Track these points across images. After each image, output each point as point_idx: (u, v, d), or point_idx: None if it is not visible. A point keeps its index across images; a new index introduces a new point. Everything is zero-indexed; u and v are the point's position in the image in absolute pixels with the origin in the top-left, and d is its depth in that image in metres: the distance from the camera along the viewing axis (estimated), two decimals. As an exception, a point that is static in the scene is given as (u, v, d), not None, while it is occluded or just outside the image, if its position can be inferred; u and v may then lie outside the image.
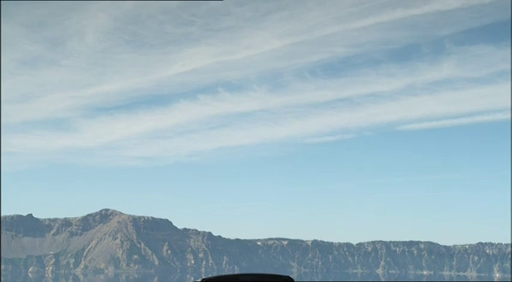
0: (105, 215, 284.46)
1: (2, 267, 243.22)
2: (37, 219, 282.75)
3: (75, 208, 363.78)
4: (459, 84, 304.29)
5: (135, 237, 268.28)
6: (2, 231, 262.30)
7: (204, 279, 6.60)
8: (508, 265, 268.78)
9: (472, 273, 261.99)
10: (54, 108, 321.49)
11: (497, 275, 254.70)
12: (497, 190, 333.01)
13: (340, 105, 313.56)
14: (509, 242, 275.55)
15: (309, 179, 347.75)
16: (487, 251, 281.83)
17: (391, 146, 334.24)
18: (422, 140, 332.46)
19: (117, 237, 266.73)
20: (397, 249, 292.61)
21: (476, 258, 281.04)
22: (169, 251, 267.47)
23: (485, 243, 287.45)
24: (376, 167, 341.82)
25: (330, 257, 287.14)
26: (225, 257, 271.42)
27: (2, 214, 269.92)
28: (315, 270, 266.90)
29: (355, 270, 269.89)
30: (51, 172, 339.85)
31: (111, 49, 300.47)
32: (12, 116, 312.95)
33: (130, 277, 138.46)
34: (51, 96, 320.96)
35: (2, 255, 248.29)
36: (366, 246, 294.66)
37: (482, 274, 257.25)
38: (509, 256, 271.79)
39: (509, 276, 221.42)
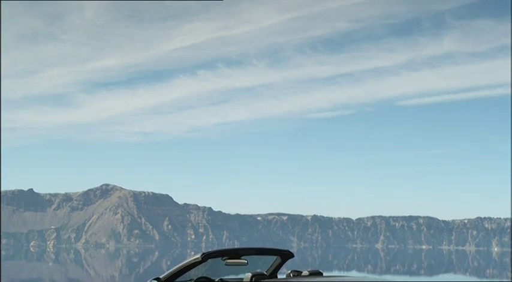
0: (105, 190, 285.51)
1: (4, 241, 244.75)
2: (38, 194, 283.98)
3: (76, 183, 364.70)
4: (460, 59, 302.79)
5: (135, 212, 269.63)
6: (3, 205, 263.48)
7: (204, 253, 6.60)
8: (506, 239, 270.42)
9: (470, 248, 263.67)
10: (54, 83, 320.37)
11: (495, 249, 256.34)
12: (497, 165, 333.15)
13: (341, 81, 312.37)
14: (508, 216, 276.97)
15: (309, 154, 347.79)
16: (486, 226, 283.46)
17: (391, 122, 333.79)
18: (423, 115, 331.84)
19: (118, 212, 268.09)
20: (397, 224, 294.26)
21: (475, 232, 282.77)
22: (169, 226, 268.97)
23: (484, 217, 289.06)
24: (377, 142, 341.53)
25: (330, 232, 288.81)
26: (225, 232, 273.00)
27: (3, 189, 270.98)
28: (314, 244, 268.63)
29: (354, 245, 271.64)
30: (51, 147, 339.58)
31: (110, 24, 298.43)
32: (12, 91, 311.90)
33: (131, 251, 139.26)
34: (51, 72, 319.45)
35: (3, 229, 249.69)
36: (366, 221, 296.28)
37: (481, 248, 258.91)
38: (508, 230, 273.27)
39: (508, 250, 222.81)
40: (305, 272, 6.75)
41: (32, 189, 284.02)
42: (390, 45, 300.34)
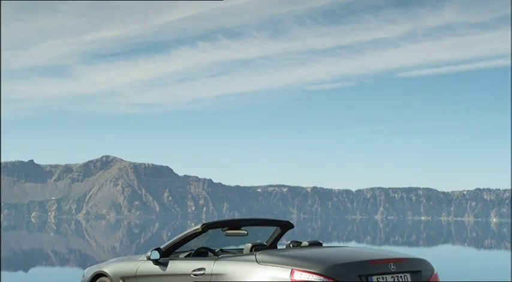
0: (105, 162, 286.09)
1: (5, 212, 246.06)
2: (38, 166, 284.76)
3: (76, 155, 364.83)
4: (461, 30, 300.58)
5: (136, 183, 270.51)
6: (4, 176, 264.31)
7: (204, 223, 6.66)
8: (505, 210, 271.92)
9: (469, 219, 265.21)
10: (53, 54, 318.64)
11: (494, 220, 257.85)
12: (496, 136, 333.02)
13: (341, 53, 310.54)
14: (507, 187, 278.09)
15: (308, 126, 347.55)
16: (485, 197, 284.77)
17: (391, 93, 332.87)
18: (423, 87, 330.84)
19: (118, 184, 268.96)
20: (396, 195, 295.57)
21: (474, 203, 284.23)
22: (170, 198, 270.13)
23: (483, 189, 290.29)
24: (376, 114, 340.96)
25: (329, 203, 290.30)
26: (225, 204, 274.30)
27: (3, 160, 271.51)
28: (314, 216, 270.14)
29: (354, 216, 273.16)
30: (51, 119, 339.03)
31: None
32: (11, 63, 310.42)
33: (132, 223, 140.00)
34: (50, 43, 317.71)
35: (4, 200, 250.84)
36: (365, 193, 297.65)
37: (480, 219, 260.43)
38: (507, 201, 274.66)
39: (506, 221, 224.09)
40: (305, 243, 6.81)
41: (32, 160, 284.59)
42: (390, 16, 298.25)
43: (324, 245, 6.82)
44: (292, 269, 5.55)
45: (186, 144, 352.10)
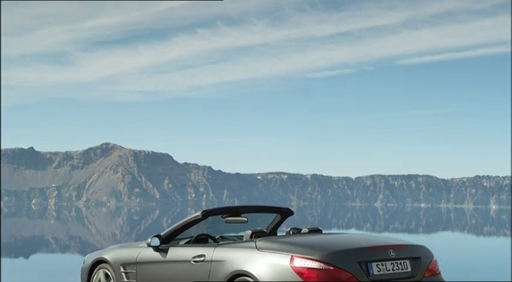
0: (105, 149, 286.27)
1: (6, 198, 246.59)
2: (38, 153, 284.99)
3: (76, 142, 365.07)
4: (461, 16, 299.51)
5: (136, 171, 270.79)
6: (4, 164, 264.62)
7: (204, 210, 6.69)
8: (504, 197, 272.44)
9: (468, 206, 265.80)
10: (52, 41, 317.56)
11: (493, 207, 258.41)
12: (496, 123, 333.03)
13: (341, 40, 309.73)
14: (507, 174, 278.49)
15: (308, 113, 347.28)
16: (485, 184, 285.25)
17: (391, 81, 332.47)
18: (423, 74, 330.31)
19: (118, 171, 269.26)
20: (396, 182, 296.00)
21: (473, 190, 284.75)
22: (170, 185, 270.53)
23: (483, 176, 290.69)
24: (376, 101, 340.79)
25: (329, 190, 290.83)
26: (225, 191, 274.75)
27: (3, 147, 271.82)
28: (314, 203, 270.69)
29: (353, 204, 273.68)
30: (51, 106, 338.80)
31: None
32: (10, 49, 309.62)
33: (132, 210, 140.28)
34: (49, 29, 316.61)
35: (5, 187, 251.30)
36: (365, 180, 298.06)
37: (479, 206, 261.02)
38: (506, 188, 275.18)
39: (506, 208, 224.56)
40: (304, 230, 6.83)
41: (32, 147, 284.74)
42: (390, 3, 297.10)
43: (323, 232, 6.84)
44: (292, 256, 5.57)
45: (186, 132, 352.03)
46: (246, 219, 6.99)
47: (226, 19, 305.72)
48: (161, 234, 6.78)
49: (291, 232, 6.83)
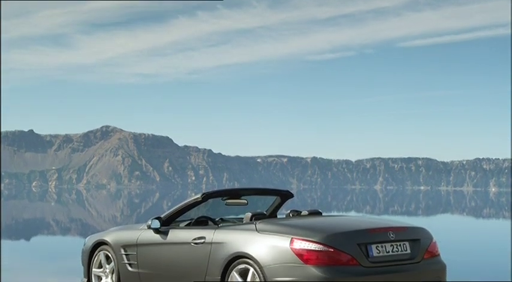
0: (105, 132, 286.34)
1: (6, 181, 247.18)
2: (38, 135, 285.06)
3: (76, 124, 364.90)
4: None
5: (136, 154, 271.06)
6: (4, 146, 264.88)
7: (204, 193, 6.71)
8: (504, 180, 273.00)
9: (468, 188, 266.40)
10: (51, 23, 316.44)
11: (493, 189, 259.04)
12: (496, 105, 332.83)
13: (342, 22, 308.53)
14: (507, 156, 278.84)
15: (308, 96, 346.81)
16: (484, 166, 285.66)
17: (392, 63, 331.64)
18: (424, 57, 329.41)
19: (118, 154, 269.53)
20: (396, 165, 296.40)
21: (473, 173, 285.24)
22: (170, 168, 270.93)
23: (483, 158, 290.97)
24: (377, 84, 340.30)
25: (329, 173, 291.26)
26: (225, 174, 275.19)
27: (3, 129, 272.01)
28: (314, 186, 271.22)
29: (353, 187, 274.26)
30: (51, 88, 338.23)
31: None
32: (10, 31, 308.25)
33: (133, 192, 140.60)
34: (48, 11, 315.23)
35: (5, 169, 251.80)
36: (365, 163, 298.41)
37: (479, 189, 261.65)
38: (506, 171, 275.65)
39: (505, 190, 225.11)
40: (304, 212, 6.85)
41: (32, 130, 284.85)
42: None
43: (323, 214, 6.87)
44: (291, 238, 5.60)
45: (186, 115, 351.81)
46: (246, 201, 7.01)
47: (226, 1, 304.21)
48: (161, 216, 6.80)
49: (290, 214, 6.85)
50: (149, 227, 6.77)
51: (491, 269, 14.20)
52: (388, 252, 5.70)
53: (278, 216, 7.49)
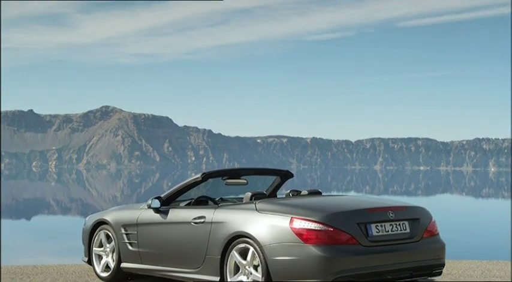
0: (105, 112, 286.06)
1: (6, 161, 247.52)
2: (38, 115, 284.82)
3: (75, 104, 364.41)
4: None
5: (135, 134, 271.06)
6: (4, 126, 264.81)
7: (204, 172, 6.71)
8: (503, 159, 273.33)
9: (467, 168, 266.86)
10: (50, 2, 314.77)
11: (492, 169, 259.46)
12: (496, 85, 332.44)
13: (341, 2, 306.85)
14: (507, 137, 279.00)
15: (308, 76, 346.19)
16: (484, 146, 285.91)
17: (392, 43, 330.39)
18: (424, 37, 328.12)
19: (118, 134, 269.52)
20: (395, 146, 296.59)
21: (472, 153, 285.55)
22: (170, 148, 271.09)
23: (482, 138, 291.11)
24: (377, 64, 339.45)
25: (329, 154, 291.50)
26: (225, 154, 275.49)
27: (3, 109, 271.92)
28: (313, 166, 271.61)
29: (353, 167, 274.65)
30: (50, 68, 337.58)
31: None
32: (9, 11, 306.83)
33: (133, 172, 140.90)
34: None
35: (5, 149, 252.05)
36: (365, 143, 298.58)
37: (478, 169, 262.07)
38: (506, 151, 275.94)
39: (504, 170, 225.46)
40: (304, 192, 6.86)
41: (31, 110, 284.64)
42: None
43: (323, 194, 6.87)
44: (291, 217, 5.60)
45: (186, 95, 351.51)
46: (245, 181, 7.01)
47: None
48: (162, 196, 6.80)
49: (290, 194, 6.86)
50: (149, 207, 6.78)
51: (490, 248, 14.28)
52: (388, 231, 5.71)
53: (278, 196, 7.49)
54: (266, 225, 5.70)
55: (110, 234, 7.17)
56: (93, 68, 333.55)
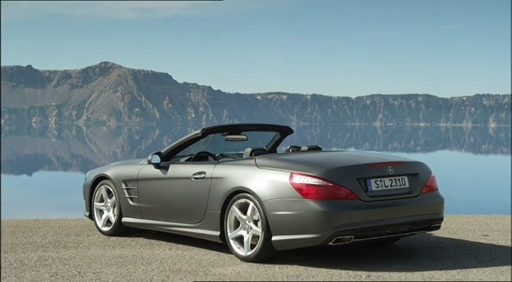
0: (104, 68, 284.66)
1: (6, 116, 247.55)
2: (37, 71, 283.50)
3: (74, 60, 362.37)
4: None
5: (135, 90, 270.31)
6: (3, 81, 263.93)
7: (204, 128, 6.71)
8: (503, 115, 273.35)
9: (467, 124, 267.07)
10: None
11: (492, 125, 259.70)
12: (497, 41, 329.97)
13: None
14: (507, 92, 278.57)
15: (308, 33, 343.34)
16: (484, 103, 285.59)
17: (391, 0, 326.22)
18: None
19: (118, 90, 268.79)
20: (395, 102, 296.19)
21: (473, 109, 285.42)
22: (169, 105, 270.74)
23: (483, 94, 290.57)
24: (376, 20, 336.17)
25: (329, 110, 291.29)
26: (225, 111, 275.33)
27: (2, 64, 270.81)
28: (313, 123, 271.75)
29: (353, 123, 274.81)
30: (48, 22, 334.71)
31: None
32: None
33: (133, 129, 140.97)
34: None
35: (5, 105, 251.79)
36: (365, 100, 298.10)
37: (478, 125, 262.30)
38: (506, 107, 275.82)
39: (504, 126, 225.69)
40: (304, 148, 6.86)
41: (30, 65, 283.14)
42: None
43: (323, 150, 6.87)
44: (291, 173, 5.62)
45: (185, 51, 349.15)
46: (245, 137, 7.00)
47: None
48: (162, 151, 6.81)
49: (290, 150, 6.86)
50: (150, 162, 6.80)
51: (490, 203, 14.38)
52: (387, 186, 5.74)
53: (278, 152, 7.50)
54: (266, 181, 5.74)
55: (111, 189, 7.22)
56: (91, 24, 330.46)
